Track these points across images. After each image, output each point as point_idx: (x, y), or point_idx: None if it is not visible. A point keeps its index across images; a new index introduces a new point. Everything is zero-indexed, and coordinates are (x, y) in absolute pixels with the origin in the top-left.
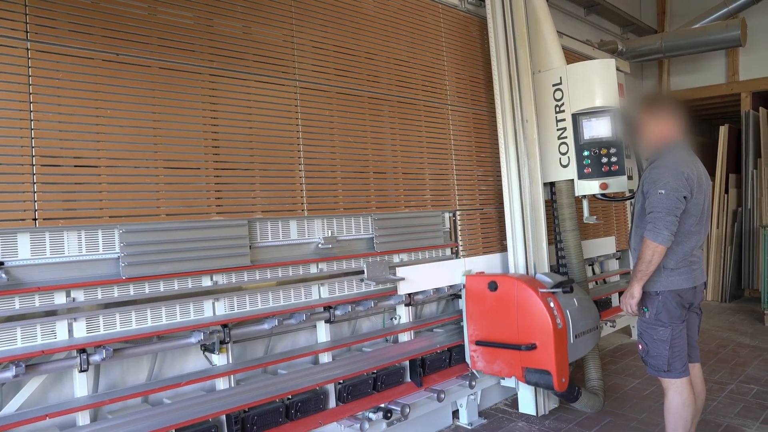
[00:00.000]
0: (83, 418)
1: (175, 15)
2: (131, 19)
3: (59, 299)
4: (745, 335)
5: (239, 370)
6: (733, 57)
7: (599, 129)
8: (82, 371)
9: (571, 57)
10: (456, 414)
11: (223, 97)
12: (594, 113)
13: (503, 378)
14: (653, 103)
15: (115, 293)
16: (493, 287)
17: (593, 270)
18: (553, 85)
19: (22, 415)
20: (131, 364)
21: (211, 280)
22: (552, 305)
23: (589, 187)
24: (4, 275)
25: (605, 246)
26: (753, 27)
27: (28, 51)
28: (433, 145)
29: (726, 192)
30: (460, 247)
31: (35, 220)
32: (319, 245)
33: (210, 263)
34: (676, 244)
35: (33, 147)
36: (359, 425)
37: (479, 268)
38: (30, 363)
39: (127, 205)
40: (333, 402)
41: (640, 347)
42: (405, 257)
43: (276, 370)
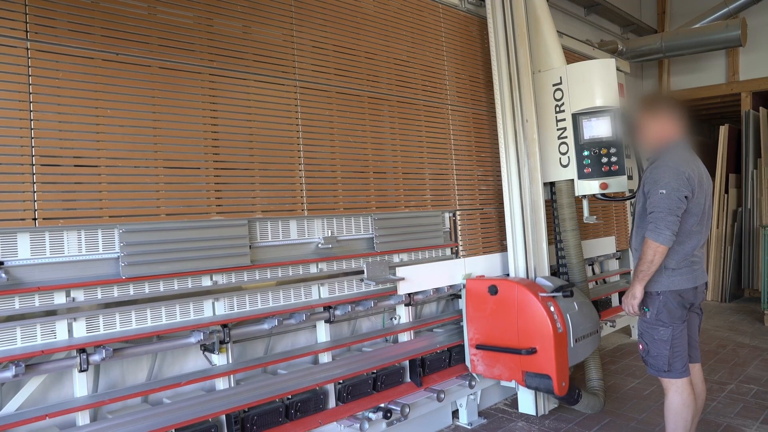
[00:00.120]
0: (83, 417)
1: (175, 15)
2: (131, 19)
3: (59, 299)
4: (745, 335)
5: (239, 370)
6: (733, 57)
7: (599, 129)
8: (81, 371)
9: (571, 57)
10: (456, 414)
11: (223, 97)
12: (594, 113)
13: None
14: (653, 103)
15: (115, 293)
16: (494, 291)
17: (593, 270)
18: (553, 85)
19: (21, 415)
20: (131, 363)
21: (211, 279)
22: (552, 309)
23: (589, 187)
24: (3, 275)
25: (605, 246)
26: (753, 27)
27: (28, 51)
28: (433, 145)
29: (726, 192)
30: (460, 247)
31: (35, 219)
32: (319, 245)
33: (210, 263)
34: (677, 244)
35: (33, 147)
36: (359, 425)
37: (479, 267)
38: (30, 363)
39: (127, 205)
40: (333, 402)
41: (640, 347)
42: (405, 257)
43: (276, 370)
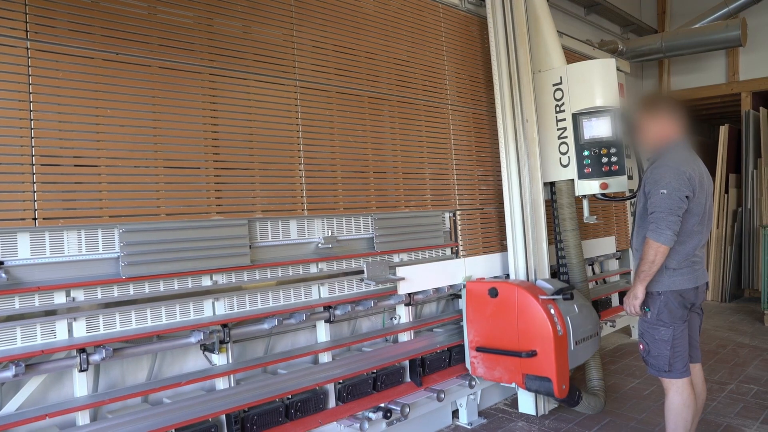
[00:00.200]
0: (83, 417)
1: (175, 14)
2: (131, 19)
3: (59, 299)
4: (745, 335)
5: (239, 369)
6: (733, 57)
7: (599, 129)
8: (81, 371)
9: (572, 57)
10: (456, 414)
11: (223, 97)
12: (594, 113)
13: None
14: (653, 103)
15: (115, 293)
16: (494, 294)
17: (593, 270)
18: (554, 85)
19: (21, 415)
20: (131, 363)
21: (211, 279)
22: (552, 312)
23: (590, 187)
24: (3, 275)
25: (605, 246)
26: (753, 27)
27: (27, 50)
28: (433, 145)
29: (726, 192)
30: (460, 247)
31: (35, 219)
32: (319, 245)
33: (210, 263)
34: (678, 243)
35: (33, 146)
36: (359, 425)
37: (479, 267)
38: (30, 363)
39: (127, 205)
40: (333, 402)
41: (641, 347)
42: (405, 257)
43: (276, 369)
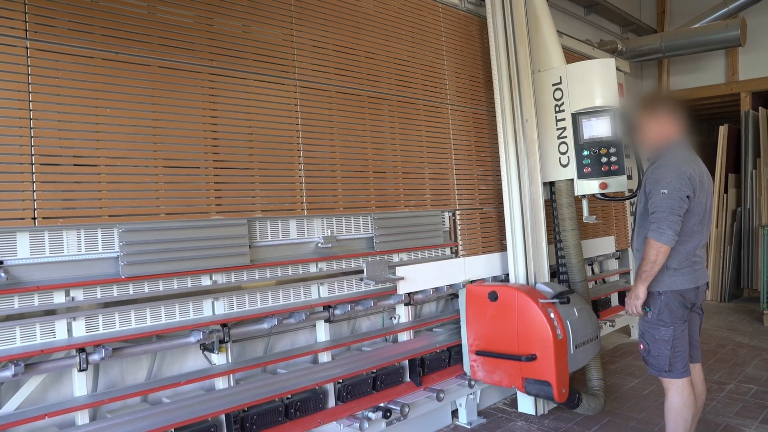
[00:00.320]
0: (82, 417)
1: (175, 14)
2: (131, 18)
3: (58, 298)
4: (744, 335)
5: (238, 369)
6: (733, 57)
7: (599, 129)
8: (81, 370)
9: (571, 56)
10: (455, 413)
11: (223, 97)
12: (594, 113)
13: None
14: (653, 103)
15: (115, 292)
16: (494, 297)
17: (593, 269)
18: (553, 85)
19: (21, 415)
20: (130, 363)
21: (211, 279)
22: (552, 316)
23: (589, 187)
24: (3, 274)
25: (605, 245)
26: (753, 27)
27: (27, 50)
28: (433, 145)
29: (725, 192)
30: (459, 247)
31: (34, 219)
32: (319, 245)
33: (209, 262)
34: (678, 243)
35: (32, 146)
36: (358, 424)
37: (479, 267)
38: (29, 362)
39: (127, 204)
40: (332, 401)
41: (641, 347)
42: (404, 257)
43: (275, 369)
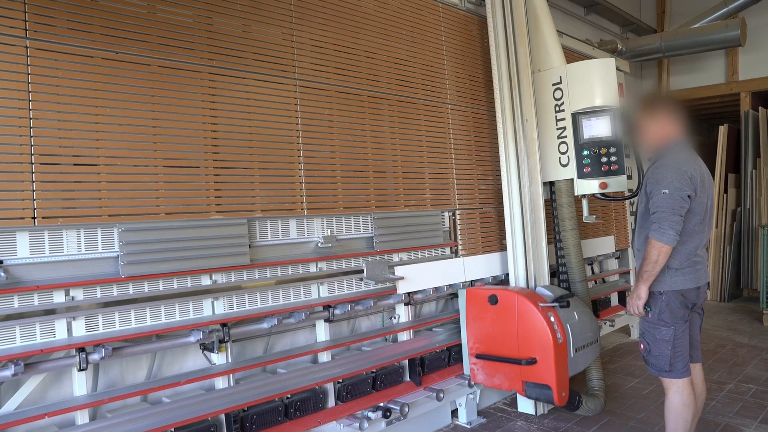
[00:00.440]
0: (82, 416)
1: (175, 13)
2: (131, 18)
3: (58, 298)
4: (744, 335)
5: (238, 369)
6: (733, 57)
7: (599, 128)
8: (81, 370)
9: (571, 56)
10: (455, 413)
11: (223, 96)
12: (594, 113)
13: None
14: (653, 103)
15: (114, 292)
16: (494, 300)
17: (592, 269)
18: (553, 85)
19: (21, 414)
20: (130, 363)
21: (211, 279)
22: (552, 319)
23: (589, 187)
24: (3, 274)
25: (604, 245)
26: (753, 27)
27: (27, 49)
28: (433, 144)
29: (725, 192)
30: (459, 247)
31: (34, 218)
32: (319, 244)
33: (209, 262)
34: (680, 243)
35: (32, 145)
36: (358, 424)
37: (479, 267)
38: (29, 362)
39: (127, 204)
40: (332, 401)
41: (642, 347)
42: (404, 256)
43: (275, 369)
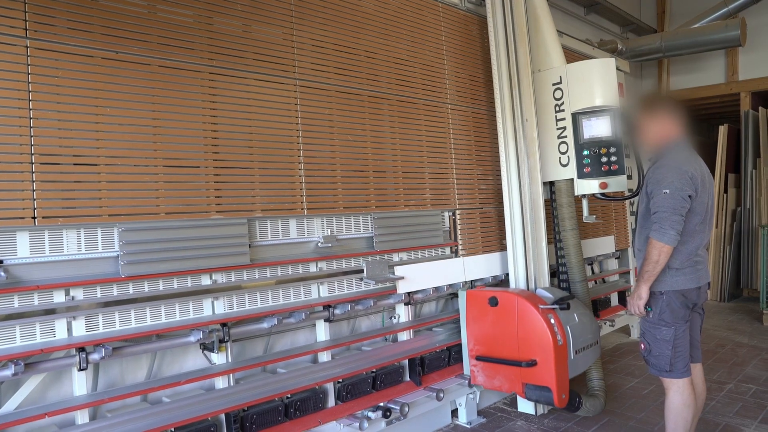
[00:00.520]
0: (82, 416)
1: (175, 13)
2: (131, 17)
3: (58, 298)
4: (744, 335)
5: (238, 368)
6: (733, 57)
7: (599, 128)
8: (81, 370)
9: (571, 56)
10: (455, 413)
11: (223, 96)
12: (594, 112)
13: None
14: (653, 103)
15: (115, 292)
16: (494, 303)
17: (592, 269)
18: (553, 84)
19: (21, 414)
20: (130, 362)
21: (211, 278)
22: (552, 321)
23: (589, 187)
24: (3, 273)
25: (604, 245)
26: (753, 27)
27: (27, 49)
28: (433, 144)
29: (725, 192)
30: (459, 246)
31: (34, 218)
32: (319, 244)
33: (209, 262)
34: (680, 243)
35: (32, 145)
36: (358, 424)
37: (479, 267)
38: (29, 361)
39: (127, 204)
40: (332, 401)
41: (642, 347)
42: (404, 256)
43: (275, 368)
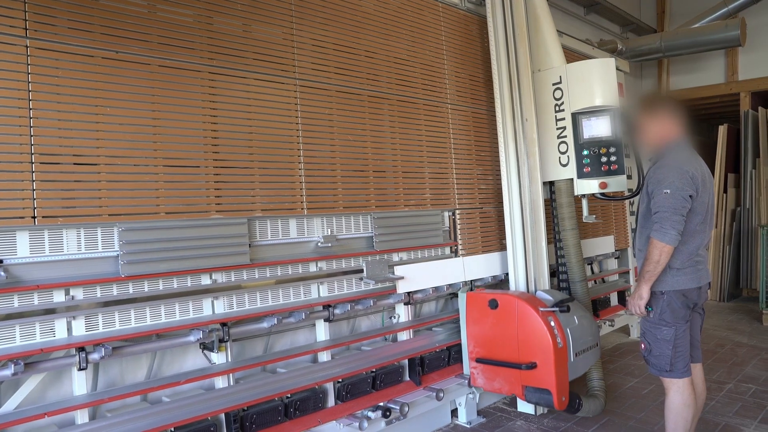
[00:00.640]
0: (82, 416)
1: (175, 12)
2: (131, 17)
3: (58, 297)
4: (743, 334)
5: (238, 368)
6: (733, 57)
7: (599, 128)
8: (80, 369)
9: (571, 56)
10: (455, 413)
11: (223, 95)
12: (593, 112)
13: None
14: (653, 103)
15: (114, 291)
16: (494, 305)
17: (592, 269)
18: (553, 84)
19: (20, 414)
20: (130, 362)
21: (211, 278)
22: (552, 324)
23: (589, 186)
24: (3, 273)
25: (604, 245)
26: (752, 27)
27: (27, 48)
28: (433, 144)
29: (725, 191)
30: (459, 246)
31: (34, 218)
32: (319, 244)
33: (209, 261)
34: (681, 243)
35: (32, 145)
36: (358, 424)
37: (478, 266)
38: (29, 361)
39: (127, 203)
40: (332, 401)
41: (642, 346)
42: (404, 256)
43: (275, 368)
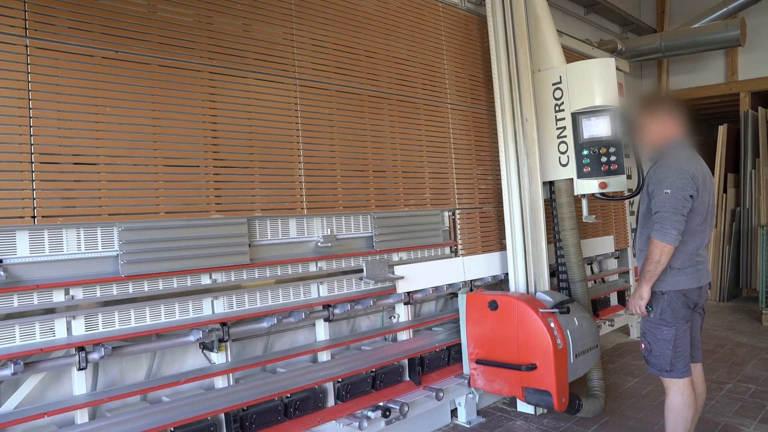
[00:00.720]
0: (82, 416)
1: (175, 12)
2: (131, 16)
3: (58, 297)
4: (743, 334)
5: (238, 368)
6: (733, 57)
7: (599, 128)
8: (80, 369)
9: (571, 56)
10: (455, 412)
11: (223, 95)
12: (593, 112)
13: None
14: (653, 103)
15: (114, 291)
16: (494, 306)
17: (592, 269)
18: (553, 84)
19: (20, 413)
20: (130, 362)
21: (210, 278)
22: (552, 325)
23: (589, 186)
24: (2, 273)
25: (604, 245)
26: (752, 27)
27: (27, 48)
28: (433, 144)
29: (724, 191)
30: (459, 246)
31: (34, 217)
32: (319, 244)
33: (209, 261)
34: (682, 243)
35: (32, 144)
36: (358, 423)
37: (478, 266)
38: (28, 361)
39: (127, 203)
40: (332, 400)
41: (642, 346)
42: (404, 256)
43: (275, 368)
